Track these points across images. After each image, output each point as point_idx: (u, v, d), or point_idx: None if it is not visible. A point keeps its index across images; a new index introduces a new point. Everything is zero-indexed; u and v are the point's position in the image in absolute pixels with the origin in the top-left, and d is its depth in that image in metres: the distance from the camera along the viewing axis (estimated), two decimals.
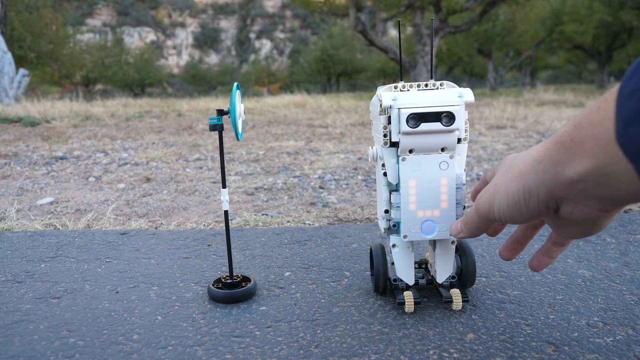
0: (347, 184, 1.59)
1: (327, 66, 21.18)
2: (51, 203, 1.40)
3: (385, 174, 0.58)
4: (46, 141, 2.86)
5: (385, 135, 0.56)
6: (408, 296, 0.60)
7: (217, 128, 0.63)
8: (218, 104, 6.33)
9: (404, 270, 0.61)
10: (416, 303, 0.60)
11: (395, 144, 0.56)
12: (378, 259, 0.63)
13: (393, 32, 20.50)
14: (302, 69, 22.89)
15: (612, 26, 13.20)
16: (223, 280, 0.69)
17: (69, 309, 0.64)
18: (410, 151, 0.56)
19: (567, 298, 0.64)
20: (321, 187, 1.55)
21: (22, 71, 6.95)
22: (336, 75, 21.81)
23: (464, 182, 0.58)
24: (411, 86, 0.57)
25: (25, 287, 0.72)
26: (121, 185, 1.64)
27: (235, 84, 0.64)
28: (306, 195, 1.45)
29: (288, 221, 1.14)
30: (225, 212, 0.68)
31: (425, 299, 0.64)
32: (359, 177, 1.69)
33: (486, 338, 0.54)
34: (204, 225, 1.12)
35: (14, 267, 0.81)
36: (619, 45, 14.89)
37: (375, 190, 1.50)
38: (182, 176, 1.77)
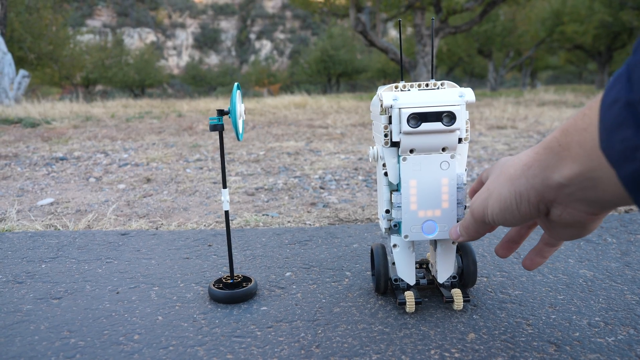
0: (348, 184, 1.59)
1: (328, 67, 21.17)
2: (51, 204, 1.40)
3: (386, 174, 0.58)
4: (46, 142, 2.86)
5: (386, 135, 0.56)
6: (409, 296, 0.60)
7: (218, 128, 0.63)
8: (218, 105, 6.33)
9: (405, 270, 0.61)
10: (417, 303, 0.60)
11: (396, 144, 0.56)
12: (379, 259, 0.63)
13: (393, 33, 20.49)
14: (303, 70, 22.88)
15: (613, 26, 13.20)
16: (224, 280, 0.69)
17: (70, 310, 0.64)
18: (411, 151, 0.56)
19: (569, 298, 0.64)
20: (322, 188, 1.55)
21: (22, 72, 6.95)
22: (336, 75, 21.81)
23: (465, 182, 0.58)
24: (412, 86, 0.57)
25: (25, 288, 0.72)
26: (121, 185, 1.64)
27: (235, 84, 0.64)
28: (307, 195, 1.45)
29: (289, 221, 1.14)
30: (225, 212, 0.68)
31: (426, 299, 0.64)
32: (360, 178, 1.69)
33: (487, 338, 0.54)
34: (205, 225, 1.12)
35: (15, 268, 0.81)
36: (620, 45, 14.89)
37: (375, 190, 1.50)
38: (183, 177, 1.77)
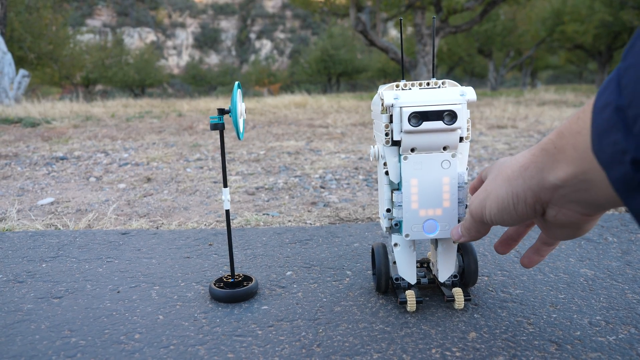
0: (348, 184, 1.59)
1: (328, 66, 21.16)
2: (52, 203, 1.40)
3: (387, 173, 0.58)
4: (46, 142, 2.86)
5: (387, 134, 0.56)
6: (410, 295, 0.60)
7: (219, 127, 0.63)
8: (218, 104, 6.33)
9: (406, 269, 0.61)
10: (418, 302, 0.60)
11: (397, 143, 0.56)
12: (380, 258, 0.63)
13: (393, 32, 20.49)
14: (303, 69, 22.87)
15: (613, 26, 13.18)
16: (224, 279, 0.69)
17: (71, 309, 0.64)
18: (412, 150, 0.56)
19: (570, 297, 0.64)
20: (322, 187, 1.55)
21: (22, 72, 6.95)
22: (336, 75, 21.80)
23: (466, 181, 0.57)
24: (413, 85, 0.57)
25: (26, 287, 0.72)
26: (122, 185, 1.64)
27: (236, 83, 0.64)
28: (307, 194, 1.45)
29: (289, 221, 1.14)
30: (226, 211, 0.68)
31: (427, 298, 0.64)
32: (360, 177, 1.69)
33: (488, 337, 0.54)
34: (205, 225, 1.12)
35: (15, 267, 0.81)
36: (620, 45, 14.87)
37: (376, 189, 1.50)
38: (183, 176, 1.77)
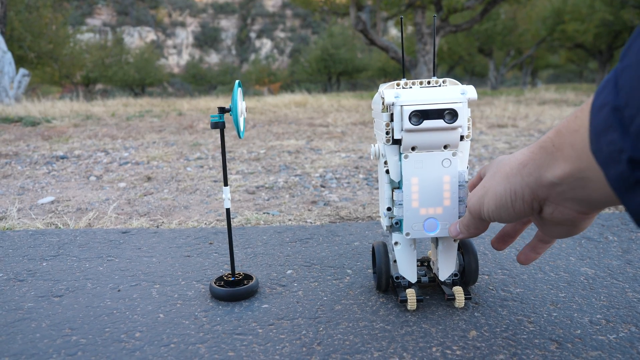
0: (349, 183, 1.59)
1: (328, 65, 21.15)
2: (52, 202, 1.40)
3: (387, 172, 0.58)
4: (47, 141, 2.86)
5: (387, 132, 0.56)
6: (410, 294, 0.60)
7: (219, 125, 0.63)
8: (218, 103, 6.33)
9: (407, 267, 0.61)
10: (418, 300, 0.60)
11: (397, 142, 0.56)
12: (380, 257, 0.63)
13: (394, 32, 20.47)
14: (303, 69, 22.86)
15: (614, 25, 13.16)
16: (225, 278, 0.69)
17: (71, 307, 0.64)
18: (412, 148, 0.56)
19: (570, 296, 0.64)
20: (322, 186, 1.55)
21: (22, 71, 6.95)
22: (337, 74, 21.79)
23: (467, 180, 0.57)
24: (413, 83, 0.57)
25: (27, 286, 0.72)
26: (122, 184, 1.64)
27: (237, 82, 0.64)
28: (307, 193, 1.45)
29: (289, 219, 1.14)
30: (227, 210, 0.68)
31: (427, 297, 0.64)
32: (360, 176, 1.69)
33: (489, 335, 0.54)
34: (205, 223, 1.12)
35: (16, 266, 0.81)
36: (620, 44, 14.85)
37: (376, 188, 1.50)
38: (183, 175, 1.77)
